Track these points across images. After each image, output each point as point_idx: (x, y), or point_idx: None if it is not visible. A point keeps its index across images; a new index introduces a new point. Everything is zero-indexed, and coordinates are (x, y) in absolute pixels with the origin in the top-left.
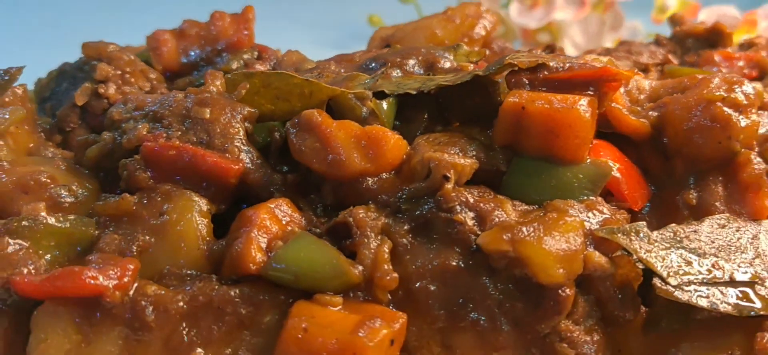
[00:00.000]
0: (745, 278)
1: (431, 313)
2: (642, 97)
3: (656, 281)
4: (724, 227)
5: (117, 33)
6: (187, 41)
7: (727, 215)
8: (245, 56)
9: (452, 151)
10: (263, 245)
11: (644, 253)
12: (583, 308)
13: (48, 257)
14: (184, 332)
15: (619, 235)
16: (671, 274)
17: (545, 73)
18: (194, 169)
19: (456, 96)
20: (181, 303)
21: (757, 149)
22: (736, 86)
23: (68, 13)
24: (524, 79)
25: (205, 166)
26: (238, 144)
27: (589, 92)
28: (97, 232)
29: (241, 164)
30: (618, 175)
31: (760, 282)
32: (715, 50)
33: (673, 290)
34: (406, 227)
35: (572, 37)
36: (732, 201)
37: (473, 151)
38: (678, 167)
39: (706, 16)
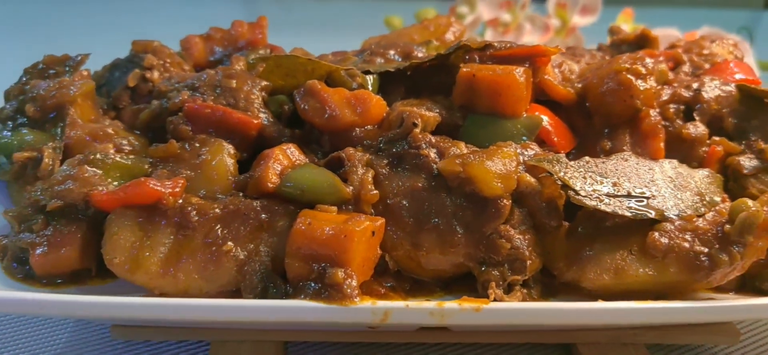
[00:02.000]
0: (639, 193)
1: (403, 220)
2: (573, 76)
3: (571, 193)
4: (626, 160)
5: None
6: (212, 43)
7: (629, 154)
8: (260, 51)
9: (420, 108)
10: (278, 171)
11: (563, 173)
12: (517, 216)
13: (115, 183)
14: (218, 231)
15: (544, 162)
16: (582, 187)
17: (491, 51)
18: (224, 123)
19: (425, 74)
20: (217, 209)
21: (658, 109)
22: (638, 61)
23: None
24: (475, 56)
25: (232, 121)
26: (257, 106)
27: (526, 65)
28: (150, 169)
29: (259, 120)
30: (548, 127)
31: (652, 197)
32: (642, 51)
33: (583, 198)
34: (385, 161)
35: None
36: (636, 146)
37: (437, 110)
38: (596, 123)
39: None
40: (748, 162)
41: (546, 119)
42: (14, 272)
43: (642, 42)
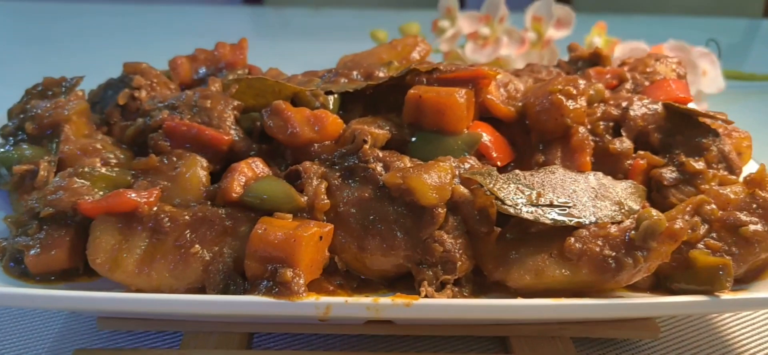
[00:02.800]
0: (562, 202)
1: (351, 226)
2: (518, 95)
3: (498, 203)
4: (554, 173)
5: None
6: (197, 63)
7: (560, 167)
8: (239, 72)
9: (372, 126)
10: (242, 183)
11: (492, 185)
12: (452, 223)
13: (100, 193)
14: (187, 235)
15: (477, 175)
16: (508, 198)
17: (438, 74)
18: (198, 139)
19: (383, 94)
20: (187, 216)
21: (589, 126)
22: (571, 83)
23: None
24: (423, 79)
25: (205, 138)
26: (229, 124)
27: (469, 87)
28: (132, 180)
29: (229, 137)
30: (488, 142)
31: (573, 206)
32: (593, 68)
33: (509, 207)
34: (338, 174)
35: None
36: (566, 160)
37: (387, 127)
38: (533, 138)
39: (620, 51)
40: (669, 174)
41: (486, 136)
42: (12, 271)
43: (595, 59)
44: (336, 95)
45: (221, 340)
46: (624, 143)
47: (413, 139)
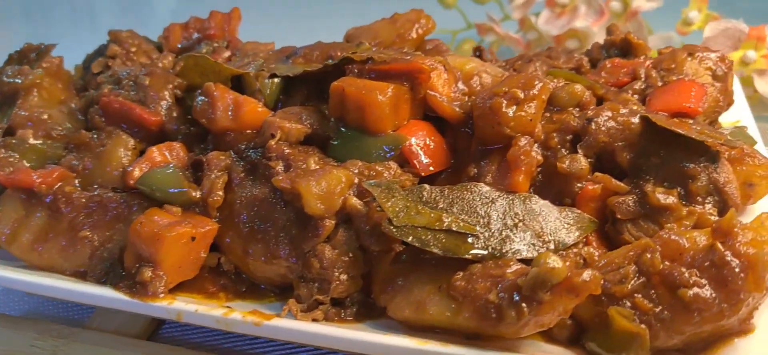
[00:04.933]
0: (464, 228)
1: (240, 227)
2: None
3: (385, 222)
4: (470, 191)
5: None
6: (188, 31)
7: (479, 184)
8: (215, 44)
9: (289, 119)
10: (144, 169)
11: (383, 200)
12: (342, 237)
13: (30, 165)
14: (81, 218)
15: (373, 186)
16: (397, 216)
17: (370, 65)
18: (129, 118)
19: (326, 81)
20: (83, 199)
21: (543, 137)
22: (521, 83)
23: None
24: (355, 69)
25: (134, 116)
26: (163, 104)
27: (402, 81)
28: (65, 153)
29: (158, 117)
30: (416, 146)
31: (473, 236)
32: (614, 59)
33: (394, 229)
34: (242, 167)
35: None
36: (500, 176)
37: (309, 121)
38: (473, 146)
39: (710, 30)
40: (626, 205)
41: (415, 139)
42: None
43: (626, 48)
44: (277, 80)
45: (128, 320)
46: (575, 162)
47: (336, 135)
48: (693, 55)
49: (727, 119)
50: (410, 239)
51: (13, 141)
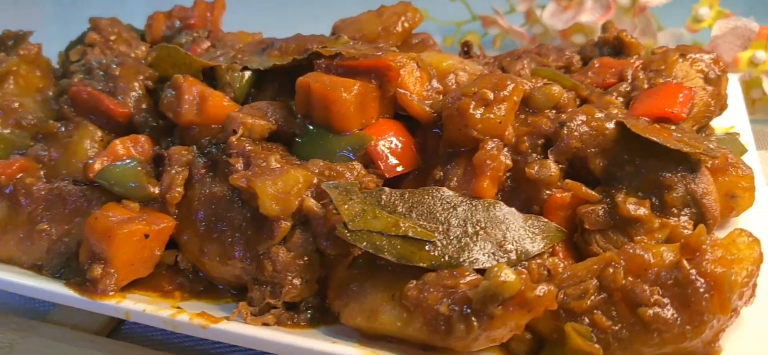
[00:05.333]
0: (421, 235)
1: (197, 225)
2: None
3: (339, 226)
4: (431, 195)
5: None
6: (171, 20)
7: (441, 188)
8: (195, 34)
9: (253, 114)
10: (105, 163)
11: (340, 202)
12: (298, 239)
13: None
14: (40, 211)
15: (330, 188)
16: (353, 220)
17: (338, 60)
18: (96, 108)
19: (297, 75)
20: (43, 192)
21: (514, 140)
22: (491, 84)
23: None
24: (323, 64)
25: (102, 107)
26: (132, 95)
27: (371, 78)
28: (32, 143)
29: (127, 109)
30: (382, 147)
31: (431, 243)
32: (602, 58)
33: (348, 233)
34: (203, 163)
35: None
36: (465, 180)
37: (274, 116)
38: (441, 148)
39: (718, 29)
40: (595, 215)
41: (383, 139)
42: None
43: (618, 47)
44: (249, 73)
45: (88, 316)
46: (545, 169)
47: (301, 133)
48: (685, 56)
49: (721, 124)
50: (364, 244)
51: None
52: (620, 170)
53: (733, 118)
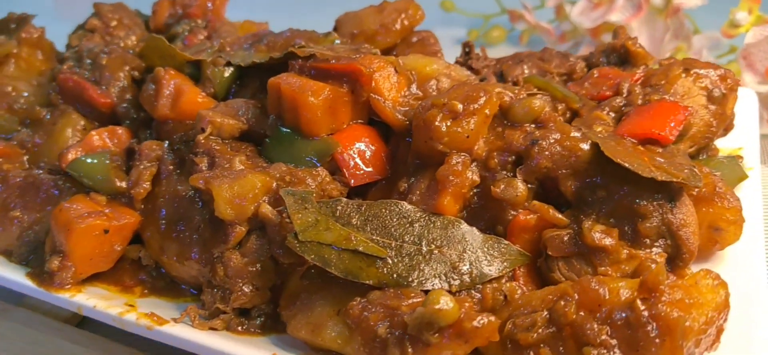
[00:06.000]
0: (367, 251)
1: (159, 222)
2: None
3: (290, 236)
4: (388, 209)
5: None
6: (174, 8)
7: (401, 202)
8: (193, 23)
9: (222, 113)
10: (79, 153)
11: (294, 211)
12: (253, 244)
13: None
14: (15, 198)
15: (287, 195)
16: (303, 232)
17: (312, 62)
18: (81, 96)
19: (277, 73)
20: (18, 179)
21: (484, 156)
22: (462, 96)
23: None
24: (297, 65)
25: (86, 96)
26: (117, 84)
27: (342, 82)
28: (20, 128)
29: (110, 99)
30: (350, 154)
31: (381, 260)
32: (603, 68)
33: (297, 245)
34: (171, 160)
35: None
36: (428, 195)
37: (246, 116)
38: (409, 158)
39: (752, 36)
40: (558, 241)
41: (350, 147)
42: None
43: (624, 56)
44: (231, 69)
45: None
46: (511, 187)
47: (271, 134)
48: (689, 71)
49: (729, 144)
50: (312, 256)
51: None
52: (592, 195)
53: (747, 136)
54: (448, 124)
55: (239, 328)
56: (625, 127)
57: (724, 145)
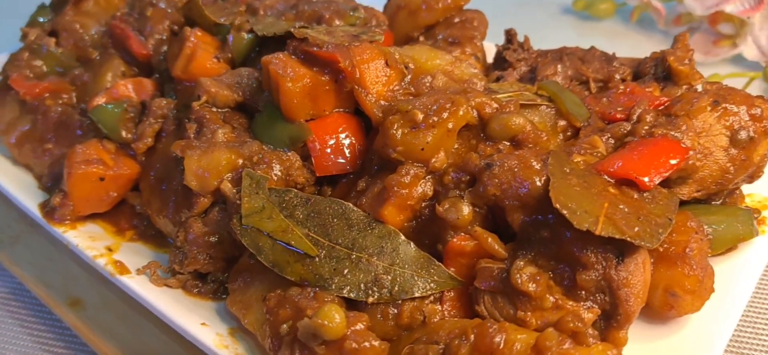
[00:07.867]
0: (299, 247)
1: (149, 178)
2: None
3: (235, 218)
4: (333, 207)
5: None
6: None
7: (346, 203)
8: None
9: (219, 83)
10: (104, 100)
11: (245, 194)
12: (215, 216)
13: (46, 70)
14: (49, 129)
15: (245, 176)
16: (247, 216)
17: (303, 45)
18: (123, 44)
19: None
20: (55, 115)
21: (446, 167)
22: (427, 105)
23: None
24: (291, 46)
25: (127, 44)
26: (156, 37)
27: (326, 71)
28: (78, 65)
29: (147, 51)
30: (317, 144)
31: (310, 259)
32: (629, 83)
33: (236, 230)
34: (173, 120)
35: (757, 38)
36: (377, 201)
37: (241, 89)
38: (374, 158)
39: None
40: (487, 274)
41: (326, 137)
42: None
43: (667, 73)
44: (249, 37)
45: None
46: (454, 209)
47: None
48: (717, 105)
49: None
50: (247, 241)
51: (36, 47)
52: (536, 233)
53: None
54: (405, 132)
55: (194, 290)
56: (607, 163)
57: (756, 190)
